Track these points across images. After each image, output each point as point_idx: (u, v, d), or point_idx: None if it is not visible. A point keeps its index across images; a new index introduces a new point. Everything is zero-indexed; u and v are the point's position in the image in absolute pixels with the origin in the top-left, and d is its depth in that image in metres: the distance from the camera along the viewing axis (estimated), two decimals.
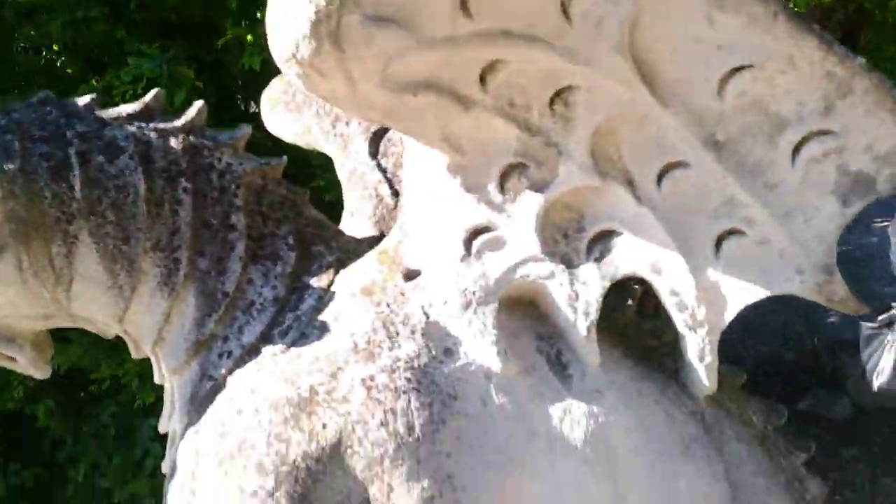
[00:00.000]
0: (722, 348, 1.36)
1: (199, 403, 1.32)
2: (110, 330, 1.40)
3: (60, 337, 3.74)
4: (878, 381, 3.39)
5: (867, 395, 4.53)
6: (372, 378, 1.23)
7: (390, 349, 1.26)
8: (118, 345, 1.45)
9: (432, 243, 1.33)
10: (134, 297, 1.31)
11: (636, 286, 1.64)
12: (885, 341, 3.38)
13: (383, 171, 1.67)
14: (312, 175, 3.35)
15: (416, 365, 1.25)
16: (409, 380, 1.23)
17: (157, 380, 1.46)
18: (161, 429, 1.48)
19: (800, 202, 1.23)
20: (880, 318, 3.42)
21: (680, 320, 1.33)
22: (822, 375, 5.34)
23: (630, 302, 1.57)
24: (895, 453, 4.35)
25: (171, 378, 1.40)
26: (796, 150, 1.20)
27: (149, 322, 1.34)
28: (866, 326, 3.46)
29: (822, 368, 5.41)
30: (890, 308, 3.39)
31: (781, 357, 5.65)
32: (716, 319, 1.32)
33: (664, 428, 1.35)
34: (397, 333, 1.27)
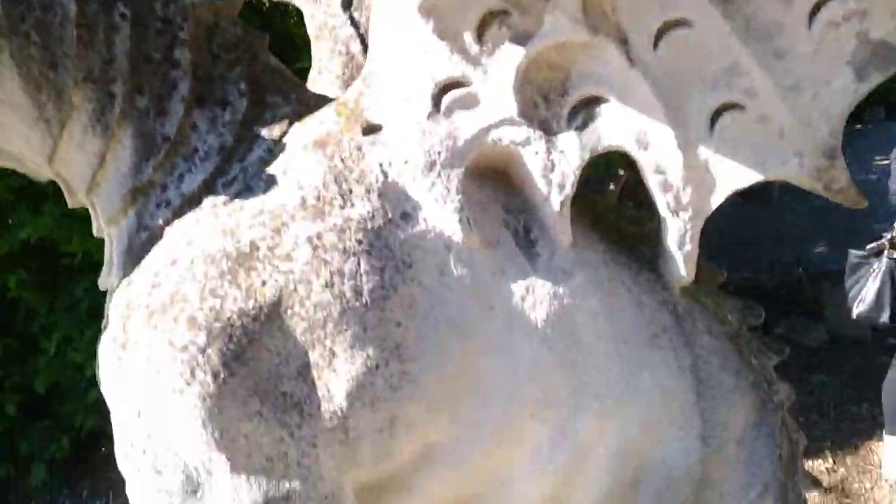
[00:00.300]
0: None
1: (134, 255, 1.21)
2: (41, 171, 1.28)
3: (32, 208, 3.65)
4: (858, 309, 3.36)
5: (844, 324, 4.55)
6: (319, 236, 1.12)
7: (342, 207, 1.14)
8: (90, 219, 1.33)
9: (397, 96, 1.19)
10: (63, 133, 1.18)
11: (622, 171, 1.52)
12: (871, 270, 3.34)
13: (356, 25, 1.51)
14: (298, 57, 3.16)
15: (368, 227, 1.14)
16: (359, 241, 1.13)
17: (95, 233, 1.36)
18: (101, 286, 1.38)
19: (809, 73, 1.10)
20: (869, 246, 3.37)
21: (662, 202, 1.22)
22: (803, 303, 5.37)
23: (612, 187, 1.46)
24: (864, 382, 4.40)
25: (108, 230, 1.29)
26: (814, 10, 1.06)
27: (81, 164, 1.22)
28: (854, 254, 3.41)
29: (803, 297, 5.43)
30: (880, 237, 3.33)
31: (764, 284, 5.66)
32: (701, 203, 1.22)
33: (633, 315, 1.27)
34: (350, 191, 1.16)
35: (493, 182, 1.25)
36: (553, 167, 1.19)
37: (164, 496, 1.17)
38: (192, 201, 1.19)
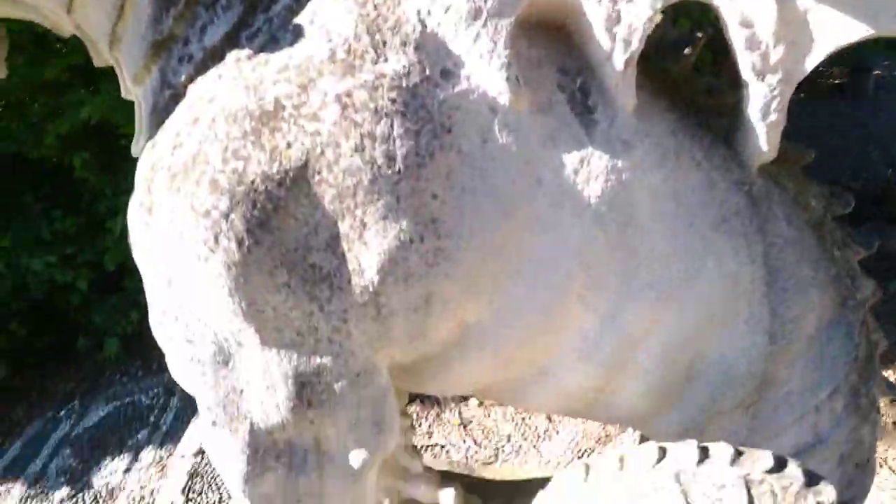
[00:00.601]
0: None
1: (158, 115, 1.14)
2: (62, 23, 1.20)
3: (89, 88, 3.65)
4: None
5: None
6: (349, 94, 1.01)
7: (374, 62, 1.02)
8: None
9: None
10: None
11: (699, 34, 1.32)
12: None
13: None
14: None
15: (404, 84, 1.01)
16: (393, 101, 1.01)
17: (123, 94, 1.29)
18: (133, 153, 1.32)
19: None
20: None
21: (747, 62, 1.05)
22: (891, 208, 5.00)
23: (688, 51, 1.27)
24: None
25: (135, 90, 1.22)
26: None
27: (100, 14, 1.13)
28: None
29: (890, 200, 5.05)
30: None
31: (848, 186, 5.27)
32: (794, 65, 1.04)
33: (701, 195, 1.13)
34: (384, 43, 1.03)
35: (547, 38, 1.09)
36: (618, 19, 1.02)
37: (196, 365, 1.16)
38: (215, 55, 1.09)
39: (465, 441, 2.78)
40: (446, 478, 1.97)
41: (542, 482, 1.25)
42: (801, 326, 1.21)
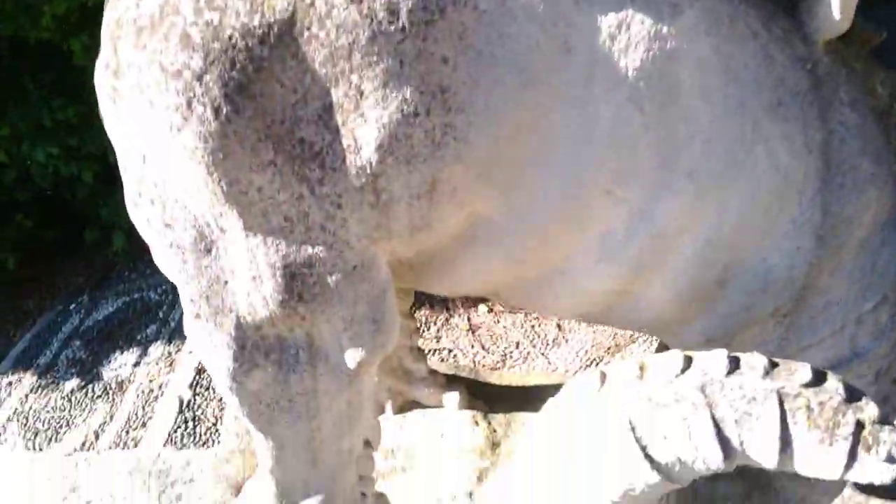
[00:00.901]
0: None
1: None
2: None
3: None
4: None
5: None
6: None
7: None
8: None
9: None
10: None
11: None
12: None
13: None
14: None
15: None
16: None
17: None
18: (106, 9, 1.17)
19: None
20: None
21: None
22: None
23: None
24: None
25: None
26: None
27: None
28: None
29: None
30: None
31: None
32: None
33: (756, 71, 0.96)
34: None
35: None
36: None
37: (176, 252, 1.05)
38: None
39: (472, 346, 2.73)
40: (452, 382, 1.91)
41: (551, 390, 1.17)
42: (854, 228, 1.07)
